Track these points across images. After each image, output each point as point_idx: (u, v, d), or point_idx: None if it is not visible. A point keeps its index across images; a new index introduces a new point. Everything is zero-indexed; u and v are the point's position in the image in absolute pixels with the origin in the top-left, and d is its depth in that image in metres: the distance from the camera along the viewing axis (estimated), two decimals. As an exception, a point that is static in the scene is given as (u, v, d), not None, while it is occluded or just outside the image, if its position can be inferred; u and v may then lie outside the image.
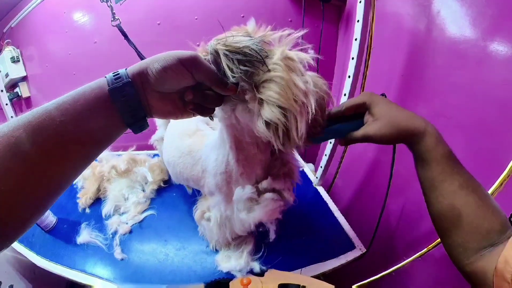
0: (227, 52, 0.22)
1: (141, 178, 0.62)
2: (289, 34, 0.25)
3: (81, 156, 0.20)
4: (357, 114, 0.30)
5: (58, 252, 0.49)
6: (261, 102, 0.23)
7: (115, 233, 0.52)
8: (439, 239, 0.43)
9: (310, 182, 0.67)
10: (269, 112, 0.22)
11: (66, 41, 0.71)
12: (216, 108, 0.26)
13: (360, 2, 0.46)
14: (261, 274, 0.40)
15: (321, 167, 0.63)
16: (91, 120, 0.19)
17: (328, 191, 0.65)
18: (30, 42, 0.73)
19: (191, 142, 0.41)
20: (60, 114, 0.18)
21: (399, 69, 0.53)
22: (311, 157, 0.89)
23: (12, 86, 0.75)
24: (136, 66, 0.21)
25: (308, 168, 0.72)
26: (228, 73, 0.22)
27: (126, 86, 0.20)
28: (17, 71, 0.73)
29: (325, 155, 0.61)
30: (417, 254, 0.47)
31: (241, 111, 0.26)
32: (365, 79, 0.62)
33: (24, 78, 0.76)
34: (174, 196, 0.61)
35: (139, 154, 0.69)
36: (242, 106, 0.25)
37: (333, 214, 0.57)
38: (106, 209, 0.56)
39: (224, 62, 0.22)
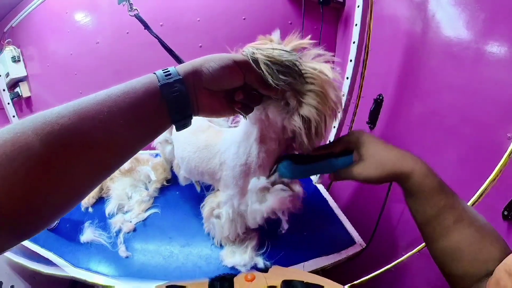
0: (268, 62, 0.24)
1: (144, 177, 0.63)
2: (320, 55, 0.28)
3: (126, 149, 0.20)
4: (347, 150, 0.31)
5: (62, 250, 0.49)
6: (299, 102, 0.27)
7: (119, 231, 0.52)
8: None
9: (310, 180, 0.69)
10: (307, 111, 0.27)
11: (68, 41, 0.71)
12: None
13: (358, 6, 0.48)
14: (265, 270, 0.41)
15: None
16: (140, 114, 0.19)
17: (327, 189, 0.66)
18: (31, 42, 0.73)
19: (206, 136, 0.43)
20: (108, 106, 0.18)
21: (396, 69, 0.55)
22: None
23: (12, 85, 0.75)
24: (187, 65, 0.22)
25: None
26: (269, 79, 0.25)
27: (177, 82, 0.20)
28: (18, 70, 0.73)
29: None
30: (416, 249, 0.48)
31: (273, 109, 0.29)
32: (363, 79, 0.64)
33: (24, 78, 0.76)
34: (177, 195, 0.61)
35: (142, 154, 0.70)
36: (275, 105, 0.29)
37: (333, 211, 0.58)
38: (110, 207, 0.57)
39: (264, 70, 0.24)
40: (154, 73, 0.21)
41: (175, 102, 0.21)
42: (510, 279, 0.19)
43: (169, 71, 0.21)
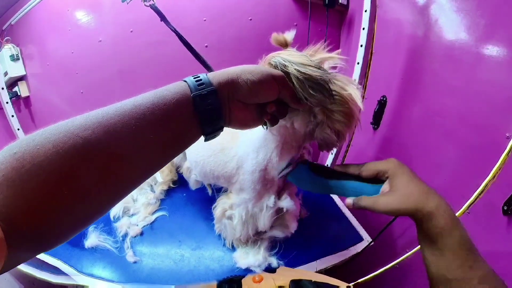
0: (302, 78, 0.25)
1: (150, 179, 0.62)
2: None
3: (154, 164, 0.19)
4: (376, 178, 0.28)
5: (65, 255, 0.48)
6: (329, 117, 0.29)
7: (125, 235, 0.51)
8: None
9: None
10: (338, 125, 0.30)
11: (69, 39, 0.69)
12: None
13: (365, 11, 0.49)
14: (273, 270, 0.41)
15: (327, 165, 0.66)
16: (170, 127, 0.18)
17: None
18: (30, 40, 0.70)
19: (221, 140, 0.42)
20: (136, 118, 0.17)
21: (399, 72, 0.57)
22: (315, 156, 0.92)
23: (11, 85, 0.72)
24: (221, 74, 0.21)
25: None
26: (300, 94, 0.25)
27: (211, 94, 0.19)
28: (17, 69, 0.70)
29: (331, 153, 0.64)
30: (418, 247, 0.50)
31: (300, 121, 0.31)
32: (366, 81, 0.66)
33: (23, 77, 0.72)
34: (184, 197, 0.61)
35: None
36: (303, 117, 0.31)
37: (340, 209, 0.59)
38: (115, 211, 0.55)
39: (297, 85, 0.25)
40: (185, 81, 0.20)
41: (207, 115, 0.20)
42: None
43: (201, 79, 0.20)
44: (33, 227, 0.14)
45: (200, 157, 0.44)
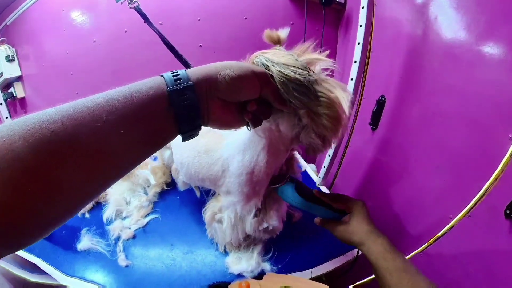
0: (284, 80, 0.23)
1: (143, 181, 0.61)
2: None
3: (126, 161, 0.17)
4: (341, 209, 0.38)
5: (57, 259, 0.47)
6: (314, 120, 0.27)
7: (117, 238, 0.50)
8: (438, 234, 0.45)
9: (313, 182, 0.68)
10: (324, 130, 0.28)
11: (64, 40, 0.69)
12: None
13: (363, 7, 0.48)
14: (259, 277, 0.40)
15: (324, 167, 0.65)
16: (143, 122, 0.17)
17: (329, 189, 0.66)
18: (26, 41, 0.70)
19: (207, 141, 0.41)
20: (107, 111, 0.16)
21: (398, 71, 0.55)
22: (312, 158, 0.90)
23: (6, 86, 0.72)
24: (200, 70, 0.20)
25: (310, 169, 0.74)
26: (284, 96, 0.24)
27: (188, 89, 0.18)
28: (12, 70, 0.70)
29: (328, 155, 0.62)
30: (419, 249, 0.49)
31: (286, 124, 0.30)
32: (364, 80, 0.64)
33: (19, 78, 0.73)
34: (177, 199, 0.60)
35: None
36: (288, 120, 0.29)
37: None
38: (107, 213, 0.54)
39: (280, 86, 0.23)
40: (162, 76, 0.19)
41: (184, 111, 0.18)
42: None
43: (178, 74, 0.19)
44: (1, 222, 0.13)
45: (185, 158, 0.43)
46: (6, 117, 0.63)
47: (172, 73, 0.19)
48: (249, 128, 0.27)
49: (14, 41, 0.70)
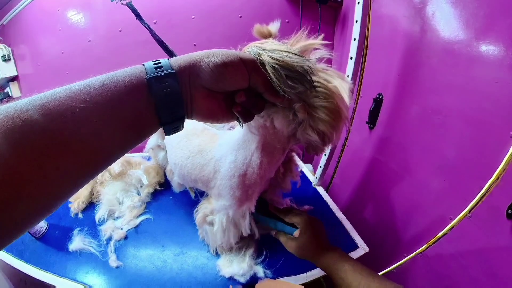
0: (276, 66, 0.21)
1: (136, 181, 0.60)
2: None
3: (102, 155, 0.16)
4: (294, 224, 0.39)
5: (49, 260, 0.46)
6: (311, 115, 0.25)
7: (109, 239, 0.49)
8: (438, 235, 0.43)
9: (309, 182, 0.67)
10: (322, 126, 0.25)
11: (59, 39, 0.69)
12: None
13: (358, 3, 0.47)
14: (251, 285, 0.39)
15: (320, 167, 0.63)
16: (120, 112, 0.16)
17: (326, 191, 0.65)
18: (22, 40, 0.70)
19: (200, 141, 0.40)
20: (82, 99, 0.15)
21: (396, 68, 0.54)
22: (309, 158, 0.89)
23: (2, 85, 0.72)
24: (183, 57, 0.19)
25: (306, 169, 0.72)
26: (276, 85, 0.21)
27: (169, 77, 0.17)
28: (8, 70, 0.70)
29: (325, 155, 0.61)
30: (418, 251, 0.47)
31: (281, 119, 0.26)
32: (361, 78, 0.63)
33: (15, 78, 0.73)
34: (170, 200, 0.59)
35: (134, 157, 0.67)
36: (283, 115, 0.26)
37: (334, 214, 0.56)
38: (100, 214, 0.54)
39: (272, 74, 0.21)
40: (143, 64, 0.18)
41: (165, 100, 0.17)
42: None
43: (160, 62, 0.18)
44: None
45: (179, 158, 0.42)
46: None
47: (153, 61, 0.18)
48: (241, 124, 0.25)
49: (11, 41, 0.70)
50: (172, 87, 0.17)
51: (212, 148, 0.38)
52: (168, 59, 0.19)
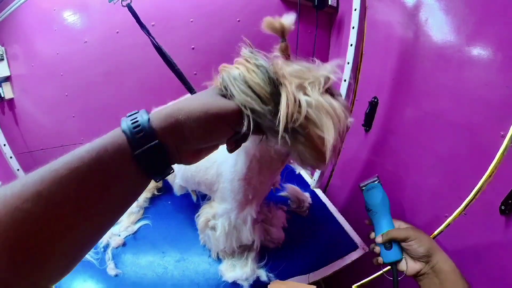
0: (249, 106, 0.19)
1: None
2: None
3: (102, 228, 0.18)
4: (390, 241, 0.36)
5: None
6: (296, 148, 0.22)
7: (106, 246, 0.48)
8: (435, 233, 0.44)
9: (307, 185, 0.67)
10: (308, 161, 0.23)
11: (55, 39, 0.66)
12: None
13: (355, 9, 0.48)
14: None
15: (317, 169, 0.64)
16: (115, 191, 0.17)
17: (324, 192, 0.66)
18: (15, 40, 0.67)
19: None
20: (73, 189, 0.15)
21: (390, 72, 0.56)
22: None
23: None
24: (164, 119, 0.18)
25: (304, 172, 0.73)
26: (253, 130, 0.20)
27: (155, 148, 0.17)
28: (1, 70, 0.67)
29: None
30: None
31: (269, 139, 0.23)
32: (357, 82, 0.65)
33: (7, 78, 0.69)
34: (169, 205, 0.58)
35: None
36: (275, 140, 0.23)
37: (333, 216, 0.57)
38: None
39: (245, 115, 0.20)
40: (122, 130, 0.17)
41: (153, 168, 0.18)
42: None
43: (139, 124, 0.17)
44: None
45: None
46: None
47: (132, 122, 0.17)
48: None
49: (4, 40, 0.67)
50: (160, 155, 0.18)
51: (216, 151, 0.38)
52: (146, 117, 0.17)
